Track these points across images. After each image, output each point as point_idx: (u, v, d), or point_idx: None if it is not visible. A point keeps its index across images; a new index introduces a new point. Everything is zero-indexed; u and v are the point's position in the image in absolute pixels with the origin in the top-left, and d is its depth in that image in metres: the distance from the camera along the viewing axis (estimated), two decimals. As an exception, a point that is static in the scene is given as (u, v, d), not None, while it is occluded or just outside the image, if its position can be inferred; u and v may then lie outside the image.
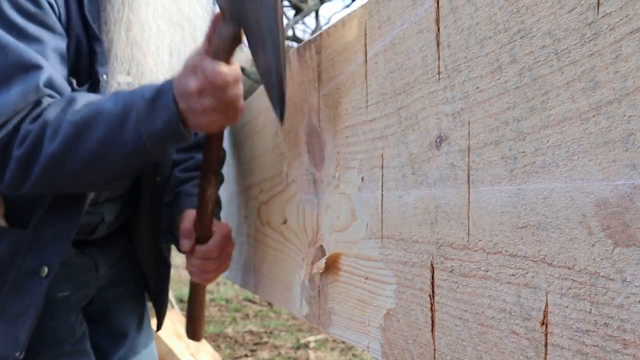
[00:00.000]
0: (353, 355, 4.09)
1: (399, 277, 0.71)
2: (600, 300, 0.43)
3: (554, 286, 0.48)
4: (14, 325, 1.19)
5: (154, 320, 1.58)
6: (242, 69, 1.14)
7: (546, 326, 0.49)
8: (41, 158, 1.07)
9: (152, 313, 1.60)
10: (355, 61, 0.81)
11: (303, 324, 4.84)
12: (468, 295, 0.58)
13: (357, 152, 0.81)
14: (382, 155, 0.74)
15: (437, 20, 0.62)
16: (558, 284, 0.47)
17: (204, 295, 1.44)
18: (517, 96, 0.51)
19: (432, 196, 0.64)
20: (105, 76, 1.19)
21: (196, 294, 1.42)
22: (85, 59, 1.19)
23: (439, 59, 0.62)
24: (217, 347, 4.16)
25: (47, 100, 1.09)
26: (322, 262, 0.90)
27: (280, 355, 4.14)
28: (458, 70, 0.59)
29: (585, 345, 0.45)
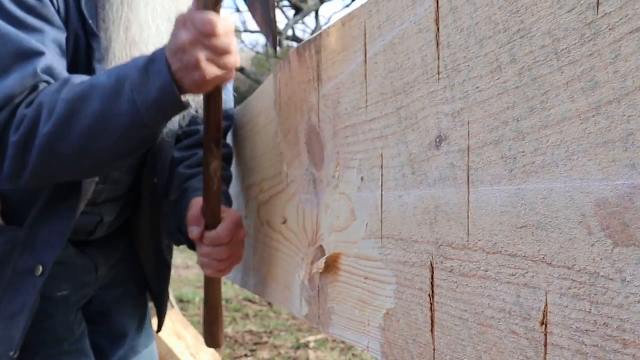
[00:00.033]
0: (353, 355, 4.09)
1: (399, 277, 0.71)
2: (600, 300, 0.43)
3: (554, 286, 0.48)
4: (9, 325, 1.19)
5: (154, 320, 1.58)
6: (242, 69, 1.14)
7: (546, 326, 0.49)
8: (37, 141, 1.05)
9: (152, 313, 1.60)
10: (355, 61, 0.81)
11: (303, 324, 4.84)
12: (468, 295, 0.58)
13: (357, 152, 0.81)
14: (382, 155, 0.74)
15: (437, 20, 0.62)
16: (558, 284, 0.47)
17: (220, 294, 1.33)
18: (517, 96, 0.51)
19: (432, 196, 0.64)
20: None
21: (212, 292, 1.32)
22: (83, 55, 1.19)
23: (438, 59, 0.62)
24: (217, 347, 4.15)
25: (43, 85, 1.08)
26: (322, 262, 0.90)
27: (280, 355, 4.14)
28: (458, 70, 0.59)
29: (585, 345, 0.45)
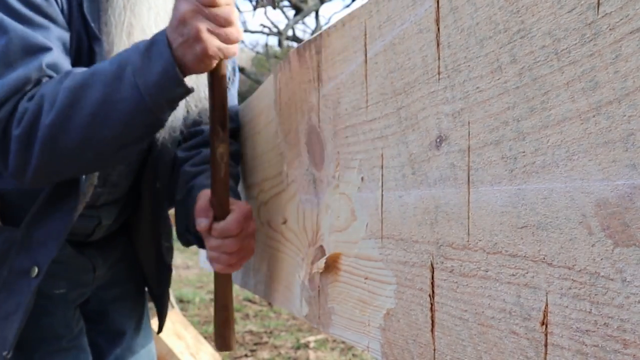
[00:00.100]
0: (353, 355, 4.09)
1: (399, 277, 0.71)
2: (600, 300, 0.43)
3: (554, 286, 0.48)
4: (2, 325, 1.18)
5: (155, 321, 1.58)
6: (242, 69, 1.14)
7: (546, 326, 0.49)
8: (39, 133, 1.04)
9: (152, 313, 1.60)
10: (355, 61, 0.81)
11: (303, 324, 4.84)
12: (468, 295, 0.58)
13: (357, 152, 0.81)
14: (382, 155, 0.74)
15: (437, 20, 0.62)
16: (558, 284, 0.47)
17: (230, 293, 1.26)
18: (517, 96, 0.51)
19: (432, 196, 0.64)
20: None
21: (223, 290, 1.24)
22: (85, 57, 1.19)
23: (439, 59, 0.62)
24: (217, 347, 4.15)
25: (46, 79, 1.08)
26: (322, 262, 0.90)
27: (280, 355, 4.14)
28: (458, 70, 0.59)
29: (585, 345, 0.45)
